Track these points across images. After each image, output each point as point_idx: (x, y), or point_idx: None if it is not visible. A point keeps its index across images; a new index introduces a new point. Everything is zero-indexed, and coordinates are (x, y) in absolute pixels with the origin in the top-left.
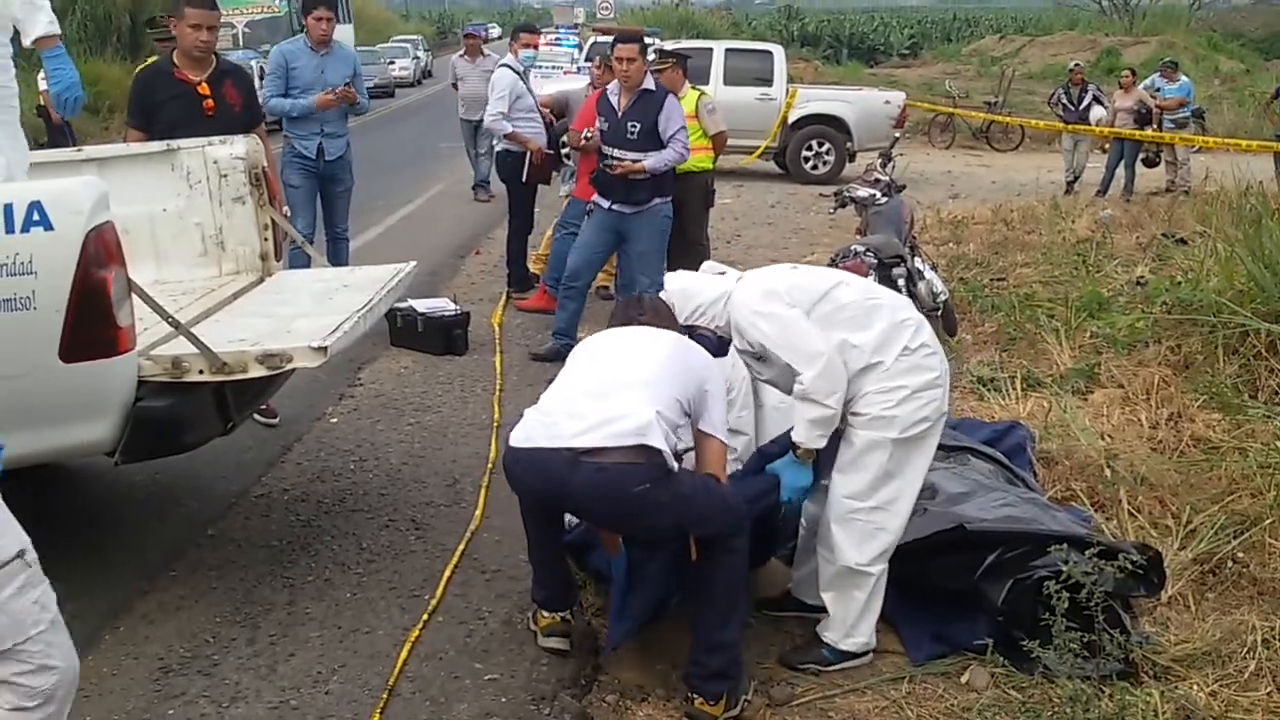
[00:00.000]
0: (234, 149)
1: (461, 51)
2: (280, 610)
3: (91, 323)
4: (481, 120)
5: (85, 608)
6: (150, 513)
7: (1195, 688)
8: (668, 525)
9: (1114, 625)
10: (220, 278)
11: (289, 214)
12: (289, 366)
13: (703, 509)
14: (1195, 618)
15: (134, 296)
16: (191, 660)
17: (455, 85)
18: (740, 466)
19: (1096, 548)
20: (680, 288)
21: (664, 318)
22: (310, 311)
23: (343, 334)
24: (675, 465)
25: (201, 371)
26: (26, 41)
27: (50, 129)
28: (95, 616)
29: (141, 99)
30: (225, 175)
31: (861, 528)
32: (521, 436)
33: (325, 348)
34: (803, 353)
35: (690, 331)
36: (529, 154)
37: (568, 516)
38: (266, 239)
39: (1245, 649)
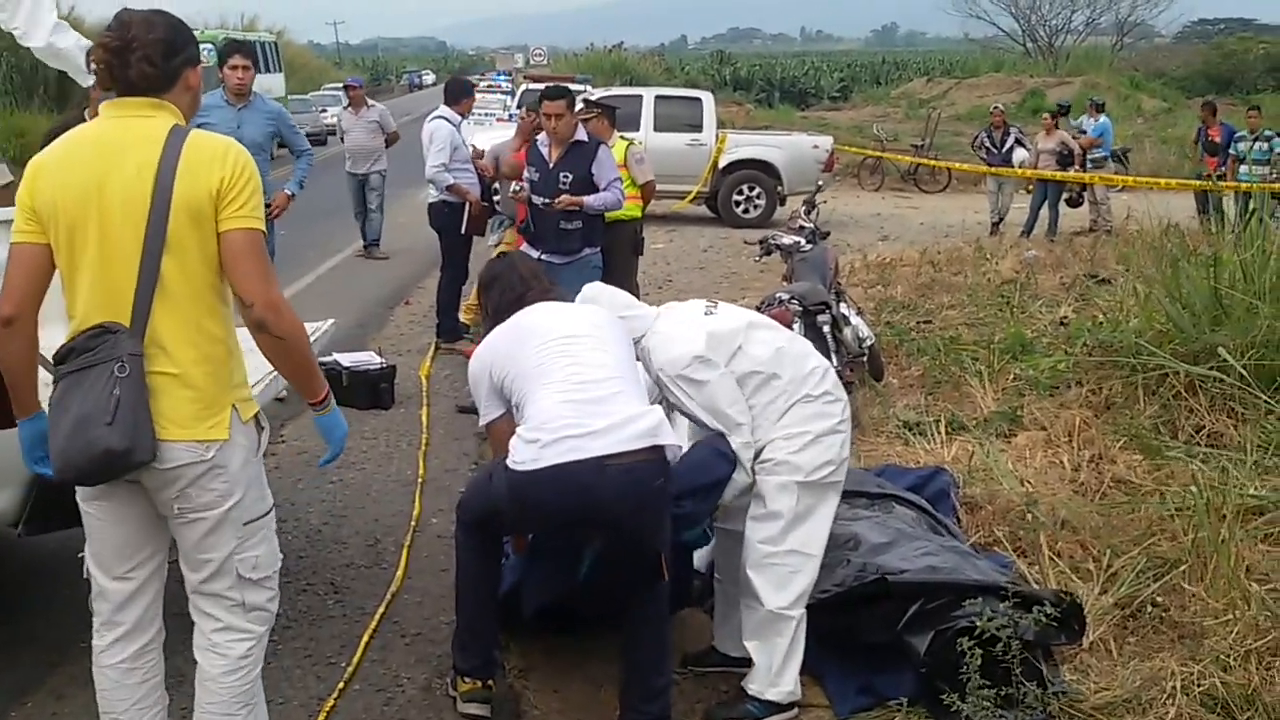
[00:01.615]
0: None
1: (345, 104)
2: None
3: None
4: (367, 173)
5: None
6: (60, 581)
7: None
8: (665, 523)
9: (1034, 675)
10: None
11: None
12: None
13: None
14: (1116, 664)
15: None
16: None
17: (342, 138)
18: None
19: (1015, 598)
20: (609, 297)
21: (545, 280)
22: None
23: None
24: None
25: None
26: None
27: None
28: (1, 694)
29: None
30: None
31: (778, 571)
32: (529, 458)
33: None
34: (728, 421)
35: None
36: (467, 205)
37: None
38: None
39: (1165, 695)
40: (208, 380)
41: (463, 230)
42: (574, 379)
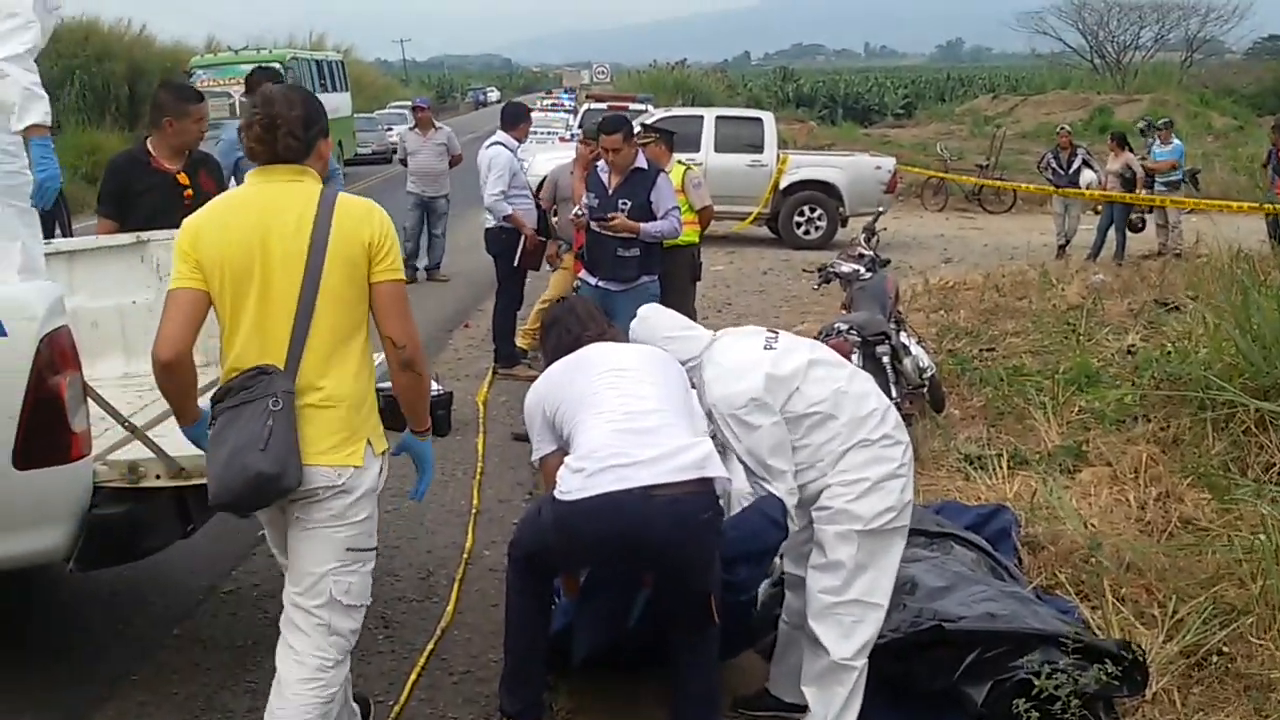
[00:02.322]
0: None
1: (411, 124)
2: (241, 718)
3: (45, 429)
4: (433, 197)
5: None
6: (114, 614)
7: None
8: (713, 559)
9: None
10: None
11: None
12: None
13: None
14: (1180, 716)
15: (90, 400)
16: None
17: (404, 161)
18: None
19: (1076, 648)
20: (660, 320)
21: (605, 323)
22: None
23: None
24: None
25: (159, 476)
26: (18, 127)
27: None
28: None
29: (116, 188)
30: None
31: (842, 621)
32: (575, 487)
33: None
34: (770, 470)
35: None
36: (523, 238)
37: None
38: None
39: None
40: (350, 413)
41: (515, 263)
42: (622, 409)
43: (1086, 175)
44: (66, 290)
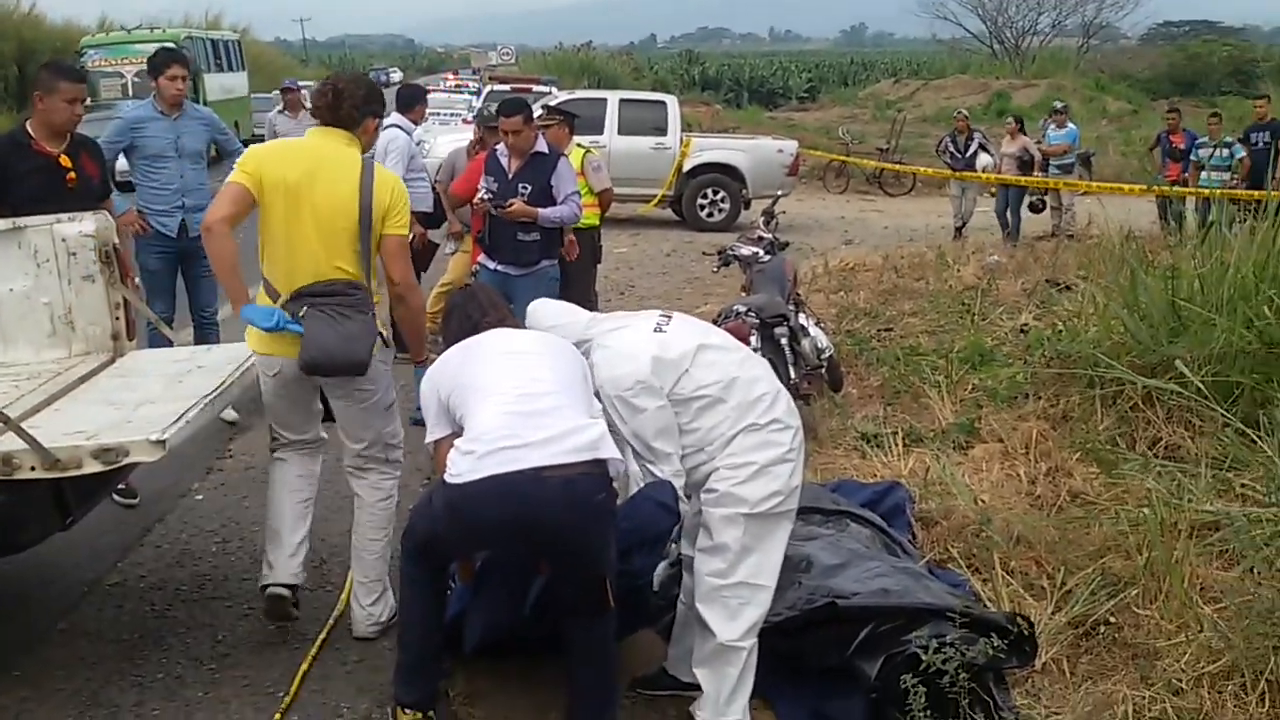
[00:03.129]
0: (83, 226)
1: (280, 107)
2: (127, 713)
3: None
4: None
5: None
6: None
7: None
8: (608, 542)
9: (984, 703)
10: (70, 359)
11: (141, 290)
12: (126, 461)
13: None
14: (1069, 686)
15: None
16: None
17: None
18: None
19: (965, 621)
20: (544, 313)
21: (504, 310)
22: (158, 397)
23: (185, 424)
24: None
25: (33, 468)
26: None
27: None
28: None
29: None
30: (74, 253)
31: (728, 604)
32: (465, 470)
33: (164, 441)
34: (654, 452)
35: None
36: (413, 235)
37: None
38: (118, 318)
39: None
40: (373, 319)
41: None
42: (514, 391)
43: (983, 159)
44: None
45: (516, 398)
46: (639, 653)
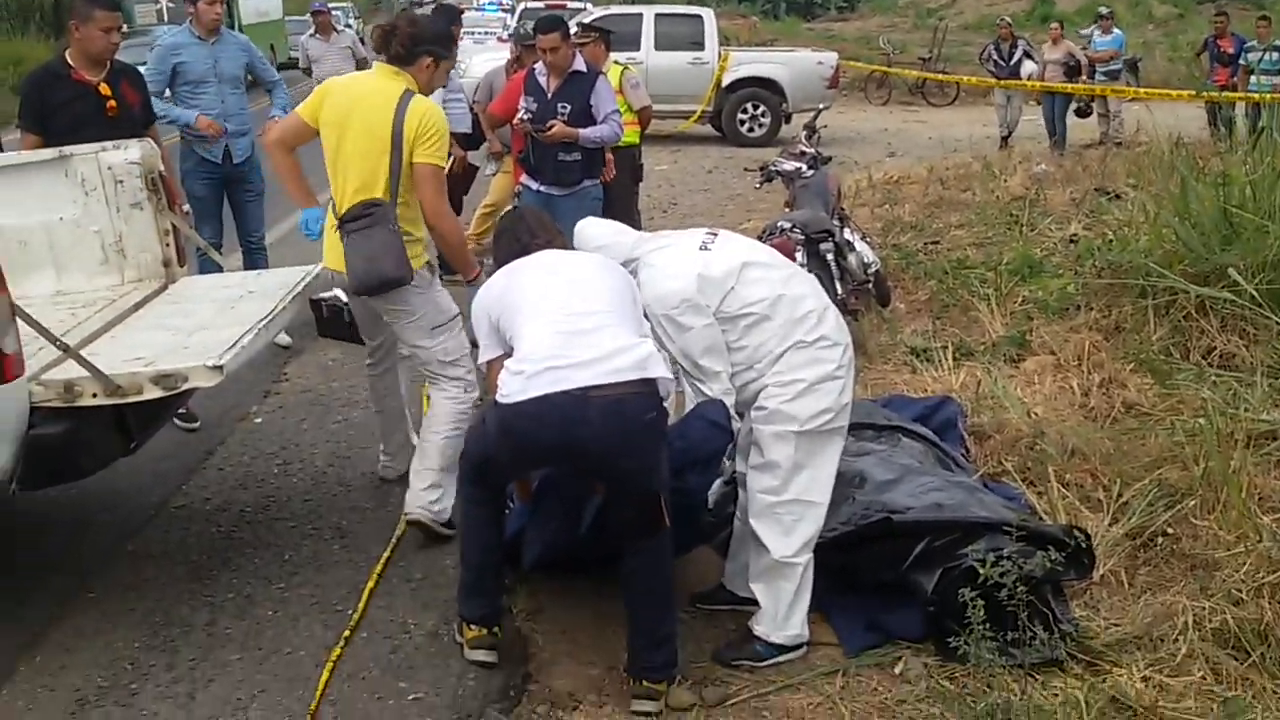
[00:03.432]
0: (128, 154)
1: (312, 30)
2: (200, 631)
3: None
4: None
5: None
6: (66, 531)
7: (1126, 675)
8: (659, 462)
9: (1042, 615)
10: (122, 286)
11: (190, 216)
12: (185, 387)
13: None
14: (1126, 598)
15: (20, 321)
16: (109, 690)
17: (307, 70)
18: None
19: (1022, 534)
20: (592, 232)
21: (554, 232)
22: (211, 323)
23: (241, 349)
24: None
25: (95, 395)
26: None
27: None
28: (10, 647)
29: (36, 102)
30: (121, 181)
31: (782, 521)
32: (514, 390)
33: (221, 366)
34: (702, 370)
35: None
36: (452, 159)
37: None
38: (168, 245)
39: (1176, 631)
40: (394, 231)
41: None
42: (563, 312)
43: (1028, 66)
44: None
45: (564, 317)
46: (697, 569)
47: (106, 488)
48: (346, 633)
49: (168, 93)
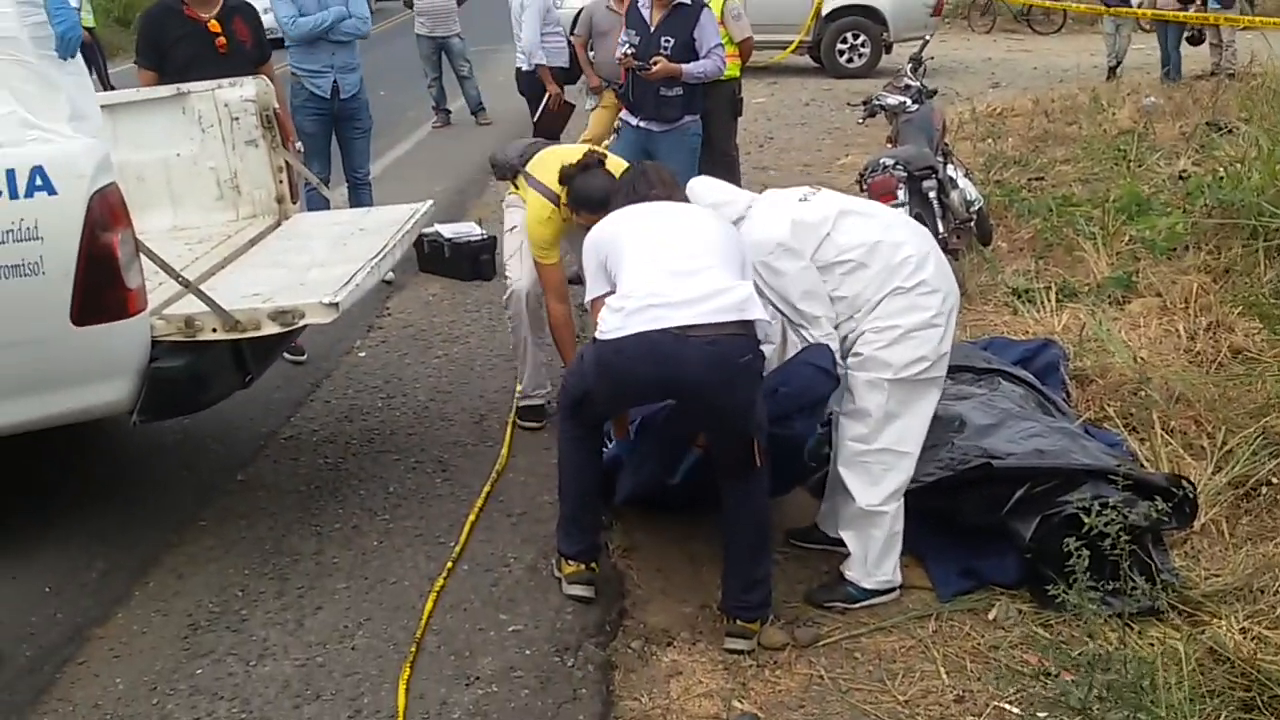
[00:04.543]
0: (244, 91)
1: None
2: (308, 560)
3: (101, 286)
4: (445, 36)
5: (115, 564)
6: (179, 461)
7: (1225, 626)
8: (754, 403)
9: (1142, 565)
10: (237, 221)
11: (302, 153)
12: (301, 323)
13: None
14: (1227, 548)
15: (143, 256)
16: (220, 615)
17: (408, 3)
18: None
19: (1125, 483)
20: (704, 190)
21: (674, 187)
22: (325, 260)
23: (355, 287)
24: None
25: (215, 330)
26: None
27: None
28: (125, 573)
29: (152, 38)
30: (236, 118)
31: (870, 470)
32: (613, 327)
33: (337, 304)
34: (801, 314)
35: None
36: (548, 95)
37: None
38: (281, 181)
39: (1277, 583)
40: None
41: (535, 120)
42: (666, 252)
43: None
44: (110, 144)
45: (668, 258)
46: (796, 507)
47: (218, 419)
48: (449, 565)
49: (269, 20)
